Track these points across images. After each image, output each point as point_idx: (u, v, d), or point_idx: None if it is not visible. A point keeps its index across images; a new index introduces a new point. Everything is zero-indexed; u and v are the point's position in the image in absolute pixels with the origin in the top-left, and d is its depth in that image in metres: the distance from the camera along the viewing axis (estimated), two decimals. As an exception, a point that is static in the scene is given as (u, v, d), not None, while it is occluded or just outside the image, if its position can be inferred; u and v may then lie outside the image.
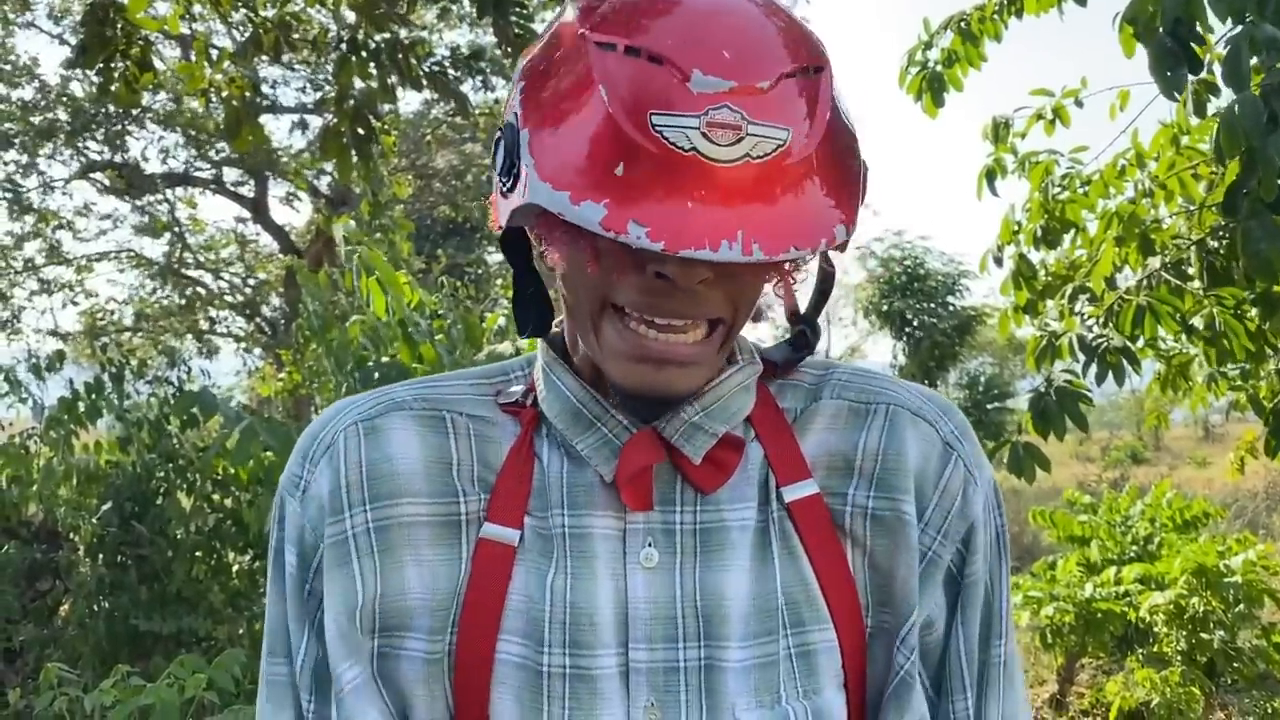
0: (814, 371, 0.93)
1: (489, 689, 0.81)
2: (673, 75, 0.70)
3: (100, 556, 4.45)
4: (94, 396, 4.70)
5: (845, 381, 0.91)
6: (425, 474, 0.85)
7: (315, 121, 13.69)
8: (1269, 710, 4.92)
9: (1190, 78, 2.69)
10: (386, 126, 4.54)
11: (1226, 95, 2.65)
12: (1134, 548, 5.78)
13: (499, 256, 15.78)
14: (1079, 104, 4.02)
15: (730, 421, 0.86)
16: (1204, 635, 5.00)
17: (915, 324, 15.67)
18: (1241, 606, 5.10)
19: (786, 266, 0.79)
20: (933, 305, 15.71)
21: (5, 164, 13.36)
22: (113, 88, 4.72)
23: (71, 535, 4.88)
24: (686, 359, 0.79)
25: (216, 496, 4.57)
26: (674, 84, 0.70)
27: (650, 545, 0.83)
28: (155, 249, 15.77)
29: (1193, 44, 2.41)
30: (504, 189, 0.78)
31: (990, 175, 4.06)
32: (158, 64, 5.23)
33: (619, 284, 0.77)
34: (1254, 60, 2.32)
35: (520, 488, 0.85)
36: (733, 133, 0.70)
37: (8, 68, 12.78)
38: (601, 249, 0.75)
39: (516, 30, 5.58)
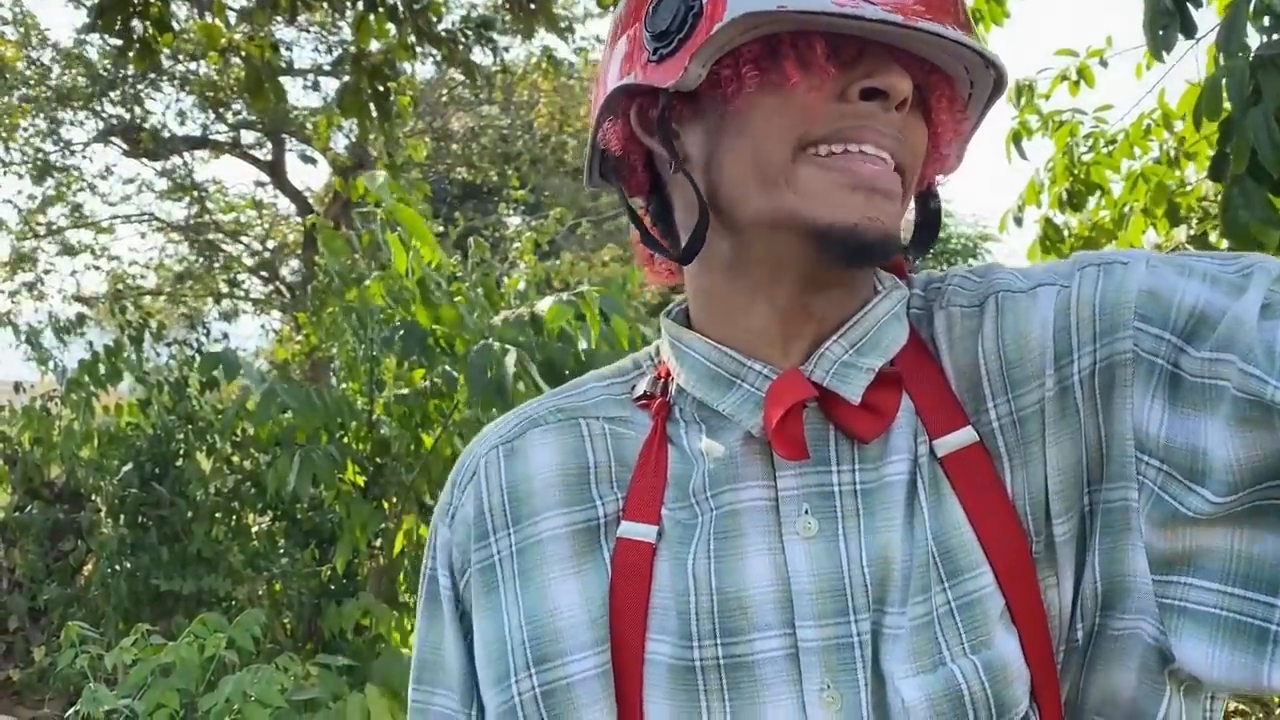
0: (933, 282, 0.84)
1: (639, 696, 0.75)
2: None
3: (121, 517, 4.50)
4: (113, 359, 4.73)
5: (956, 286, 0.81)
6: (563, 484, 0.81)
7: (327, 83, 13.65)
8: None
9: (1210, 39, 2.64)
10: (403, 87, 4.52)
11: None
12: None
13: (516, 219, 15.76)
14: (1104, 64, 3.95)
15: (885, 355, 0.77)
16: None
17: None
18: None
19: (958, 112, 0.78)
20: (953, 267, 15.65)
21: (24, 128, 13.40)
22: (133, 49, 4.71)
23: (93, 496, 4.93)
24: (891, 190, 0.72)
25: (236, 458, 4.60)
26: None
27: (807, 513, 0.75)
28: (176, 212, 15.82)
29: (1190, 5, 2.37)
30: (666, 49, 0.73)
31: (1017, 138, 4.01)
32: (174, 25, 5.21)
33: (817, 115, 0.72)
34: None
35: (655, 481, 0.79)
36: None
37: (22, 30, 12.77)
38: (796, 76, 0.71)
39: (531, -1, 5.52)
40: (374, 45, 4.80)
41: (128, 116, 13.82)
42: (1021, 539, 0.74)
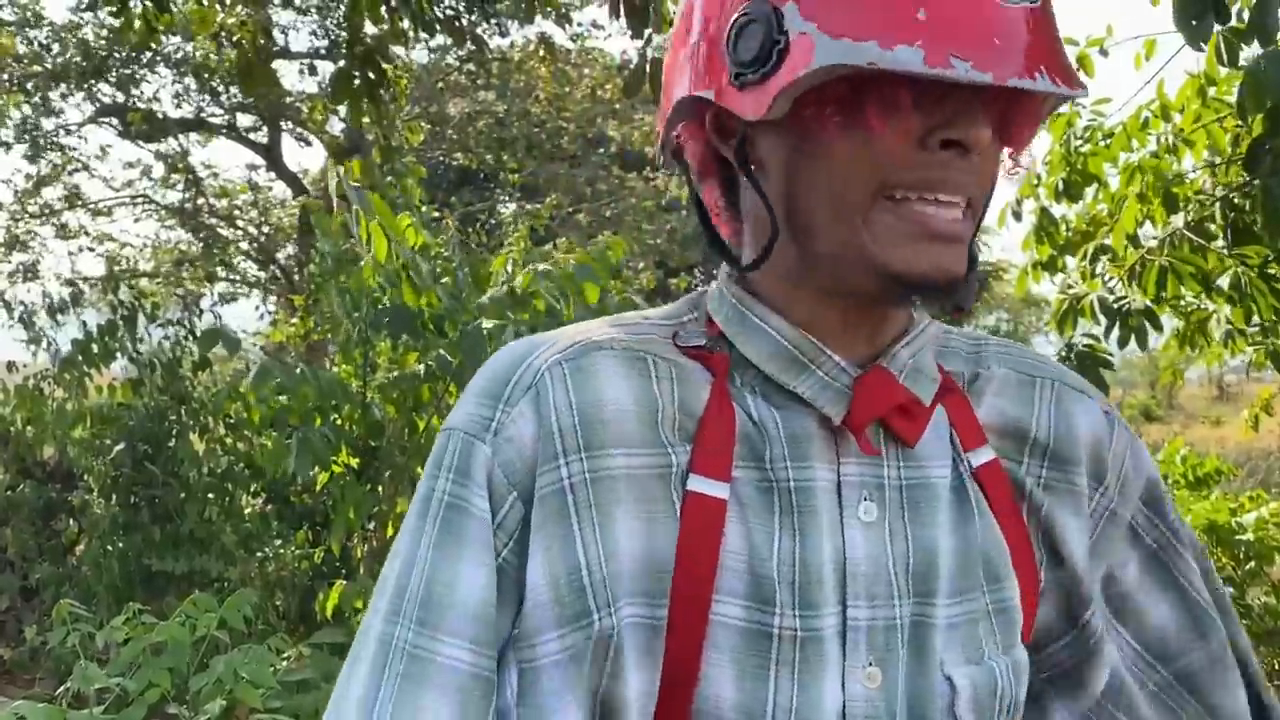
0: (965, 338, 0.92)
1: (698, 656, 0.74)
2: None
3: (114, 497, 4.49)
4: (106, 339, 4.72)
5: (1004, 352, 0.91)
6: (637, 423, 0.77)
7: (324, 67, 13.61)
8: (1276, 666, 4.94)
9: (1217, 27, 2.63)
10: (400, 72, 4.50)
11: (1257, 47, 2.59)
12: (1146, 504, 5.78)
13: (512, 206, 15.72)
14: (1104, 53, 3.94)
15: (932, 372, 0.83)
16: (1214, 592, 5.01)
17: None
18: (1252, 564, 5.10)
19: (1036, 127, 0.80)
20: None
21: (18, 107, 13.34)
22: (134, 28, 4.69)
23: (85, 476, 4.93)
24: (960, 235, 0.75)
25: (229, 439, 4.60)
26: None
27: (867, 499, 0.79)
28: (171, 194, 15.78)
29: (1221, -9, 2.35)
30: (751, 78, 0.73)
31: (1012, 127, 4.01)
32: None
33: (898, 162, 0.73)
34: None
35: (725, 437, 0.78)
36: None
37: (15, 9, 12.71)
38: (879, 123, 0.72)
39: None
40: (369, 30, 4.78)
41: (122, 98, 13.77)
42: (1035, 567, 0.86)
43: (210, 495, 4.42)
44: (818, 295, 0.80)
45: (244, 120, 15.01)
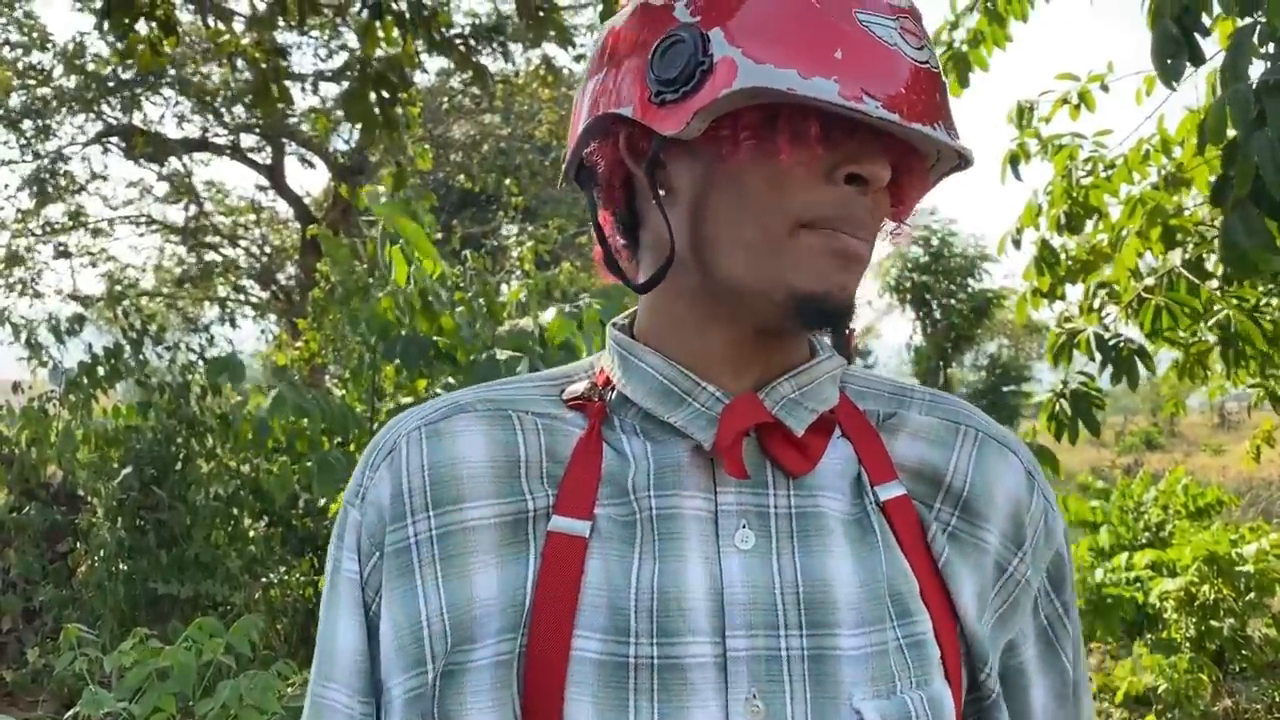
0: (889, 381, 0.94)
1: (563, 690, 0.75)
2: None
3: (120, 520, 4.49)
4: (113, 361, 4.73)
5: (931, 400, 0.91)
6: (492, 475, 0.81)
7: (326, 87, 13.68)
8: (1277, 699, 4.93)
9: (1217, 63, 2.67)
10: (412, 99, 4.54)
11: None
12: (1146, 534, 5.78)
13: (514, 229, 15.76)
14: (1105, 88, 3.98)
15: (822, 406, 0.84)
16: (1214, 623, 5.01)
17: (935, 303, 15.65)
18: (1252, 595, 5.10)
19: (923, 188, 0.84)
20: (953, 286, 15.66)
21: (22, 129, 13.41)
22: (138, 49, 4.73)
23: (90, 499, 4.93)
24: (864, 261, 0.79)
25: (233, 463, 4.60)
26: None
27: (745, 527, 0.79)
28: (174, 214, 15.83)
29: (1196, 34, 2.40)
30: (671, 96, 0.75)
31: (1014, 160, 4.04)
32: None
33: (812, 195, 0.76)
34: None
35: (589, 477, 0.80)
36: (917, 39, 0.76)
37: (22, 33, 12.79)
38: (789, 158, 0.75)
39: (539, 5, 5.56)
40: (379, 51, 4.82)
41: (125, 119, 13.83)
42: (948, 602, 0.84)
43: (216, 519, 4.41)
44: (709, 324, 0.82)
45: (247, 140, 15.09)
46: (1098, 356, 3.10)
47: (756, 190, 0.76)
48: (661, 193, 0.80)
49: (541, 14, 5.61)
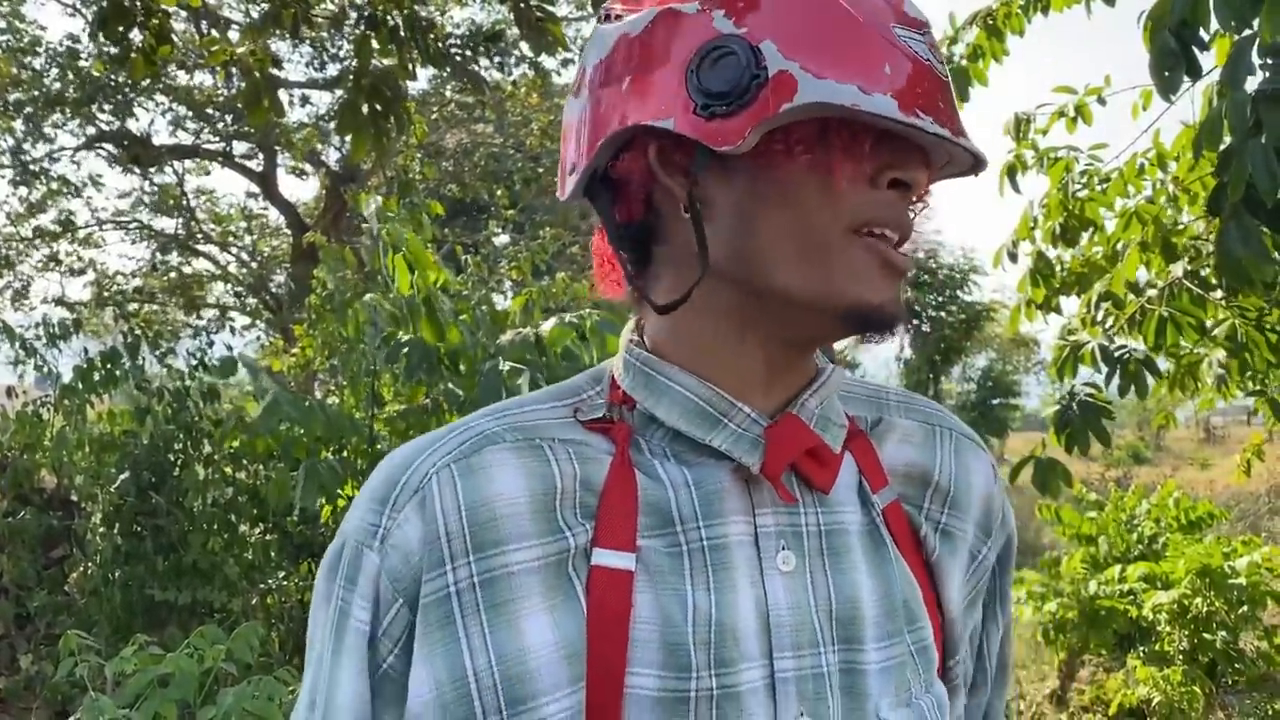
0: (863, 386, 0.95)
1: None
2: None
3: (117, 525, 4.46)
4: (108, 366, 4.71)
5: (905, 402, 0.94)
6: (530, 513, 0.76)
7: (317, 96, 13.67)
8: (1269, 712, 4.95)
9: (1213, 79, 2.69)
10: (409, 111, 4.54)
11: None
12: (1139, 546, 5.81)
13: (505, 238, 15.76)
14: (1102, 102, 4.01)
15: (841, 420, 0.85)
16: (1206, 635, 5.03)
17: (925, 316, 15.70)
18: (1245, 608, 5.13)
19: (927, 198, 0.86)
20: (942, 299, 15.72)
21: (13, 132, 13.37)
22: (130, 57, 4.72)
23: (85, 504, 4.90)
24: (906, 271, 0.81)
25: (229, 470, 4.58)
26: (897, 6, 0.78)
27: (785, 548, 0.79)
28: (165, 222, 15.79)
29: (1195, 48, 2.42)
30: (722, 110, 0.73)
31: (1012, 172, 4.06)
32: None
33: (862, 200, 0.77)
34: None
35: (627, 507, 0.78)
36: (937, 52, 0.78)
37: (15, 38, 12.76)
38: (843, 162, 0.76)
39: (537, 14, 5.57)
40: (373, 64, 4.81)
41: (117, 124, 13.79)
42: (937, 604, 0.88)
43: (214, 526, 4.39)
44: (745, 340, 0.81)
45: (239, 148, 15.08)
46: (1103, 368, 3.10)
47: (809, 201, 0.76)
48: (699, 209, 0.78)
49: (539, 21, 5.62)
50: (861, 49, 0.74)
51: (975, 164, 0.82)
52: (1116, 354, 3.09)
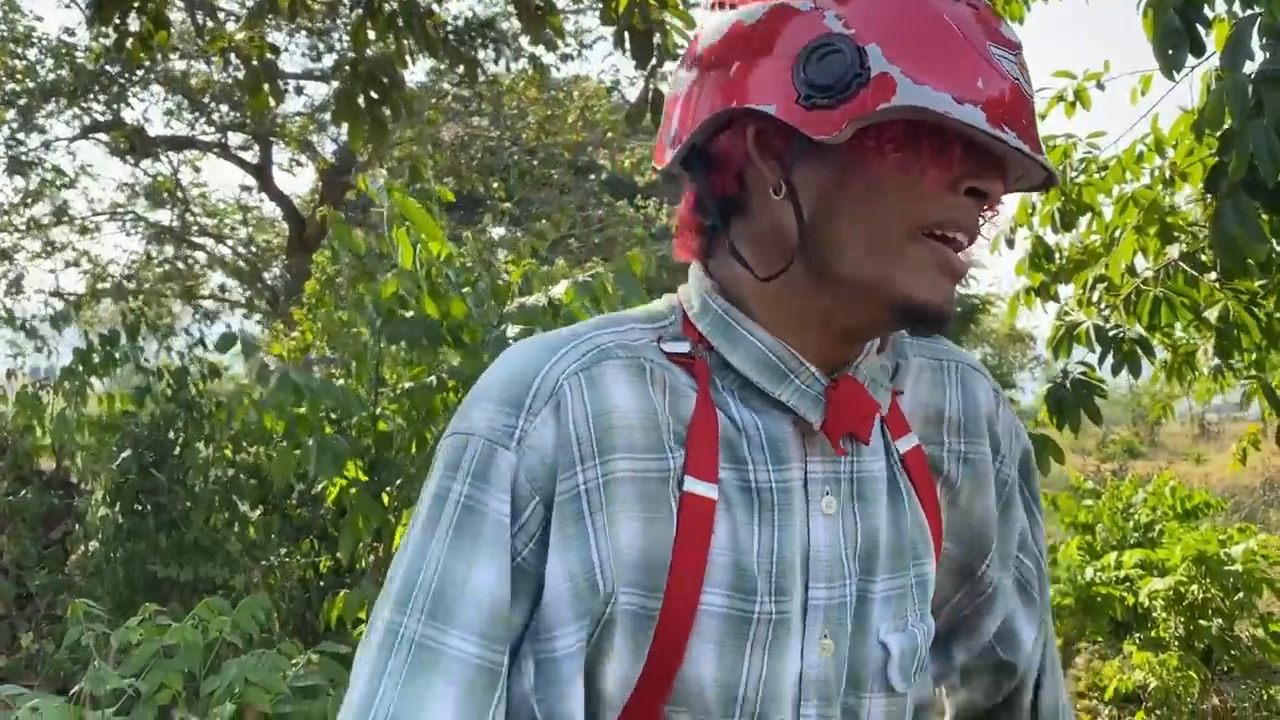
0: None
1: (685, 641, 0.83)
2: (988, 19, 0.83)
3: (118, 503, 4.47)
4: (108, 348, 4.71)
5: (914, 341, 1.00)
6: (641, 428, 0.85)
7: (313, 88, 13.65)
8: (1264, 698, 4.97)
9: (1212, 64, 2.71)
10: (406, 99, 4.53)
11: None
12: (1135, 534, 5.83)
13: (501, 230, 15.76)
14: (1100, 87, 4.02)
15: (884, 379, 0.94)
16: (1202, 622, 5.05)
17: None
18: (1241, 595, 5.14)
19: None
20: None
21: (7, 121, 13.33)
22: (127, 44, 4.71)
23: (85, 483, 4.91)
24: (965, 275, 0.87)
25: (228, 451, 4.59)
26: (992, 25, 0.83)
27: (829, 493, 0.90)
28: (160, 213, 15.75)
29: (1199, 26, 2.44)
30: (823, 102, 0.79)
31: (1011, 157, 4.08)
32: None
33: (940, 202, 0.82)
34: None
35: (711, 441, 0.86)
36: (1027, 73, 0.83)
37: (8, 29, 12.72)
38: (931, 165, 0.80)
39: (538, 4, 5.57)
40: (369, 51, 4.80)
41: (112, 114, 13.75)
42: (940, 544, 0.98)
43: (215, 503, 4.40)
44: (808, 315, 0.88)
45: (235, 139, 15.05)
46: (1097, 348, 3.13)
47: (891, 197, 0.82)
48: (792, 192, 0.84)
49: (539, 10, 5.62)
50: (958, 61, 0.80)
51: (1047, 179, 0.86)
52: (1111, 334, 3.11)
